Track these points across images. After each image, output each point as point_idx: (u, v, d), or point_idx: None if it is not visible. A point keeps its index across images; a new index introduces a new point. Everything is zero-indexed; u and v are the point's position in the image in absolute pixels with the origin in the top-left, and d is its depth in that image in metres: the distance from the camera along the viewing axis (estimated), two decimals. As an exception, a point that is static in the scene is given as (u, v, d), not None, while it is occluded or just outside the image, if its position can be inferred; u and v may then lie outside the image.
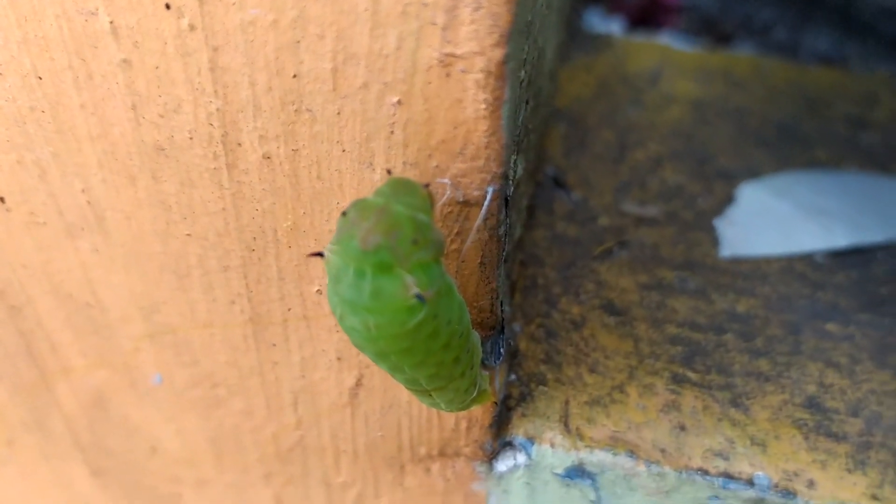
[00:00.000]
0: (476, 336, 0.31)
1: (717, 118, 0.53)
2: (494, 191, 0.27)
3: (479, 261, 0.30)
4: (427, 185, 0.25)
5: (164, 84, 0.27)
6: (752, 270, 0.44)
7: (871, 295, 0.44)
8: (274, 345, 0.35)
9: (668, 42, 0.61)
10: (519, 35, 0.25)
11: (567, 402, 0.38)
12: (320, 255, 0.25)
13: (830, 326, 0.42)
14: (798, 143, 0.52)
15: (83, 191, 0.31)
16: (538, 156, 0.46)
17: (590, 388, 0.39)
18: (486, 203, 0.27)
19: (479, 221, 0.27)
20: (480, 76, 0.24)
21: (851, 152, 0.52)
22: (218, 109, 0.27)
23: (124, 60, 0.27)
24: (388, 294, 0.24)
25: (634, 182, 0.49)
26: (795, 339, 0.41)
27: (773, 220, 0.46)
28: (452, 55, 0.24)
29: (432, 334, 0.26)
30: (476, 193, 0.27)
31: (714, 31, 0.66)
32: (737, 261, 0.45)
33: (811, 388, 0.39)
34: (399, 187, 0.25)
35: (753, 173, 0.50)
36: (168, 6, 0.25)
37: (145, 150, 0.29)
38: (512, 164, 0.29)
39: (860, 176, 0.49)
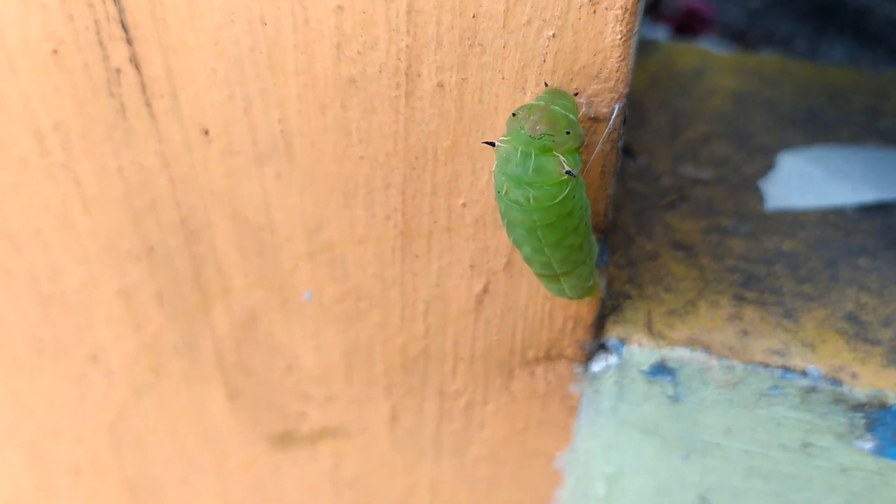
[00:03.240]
0: (593, 236, 0.39)
1: (753, 106, 0.62)
2: (620, 107, 0.36)
3: (600, 169, 0.38)
4: (576, 93, 0.34)
5: (367, 25, 0.36)
6: (793, 219, 0.53)
7: (894, 238, 0.52)
8: (417, 256, 0.43)
9: (707, 47, 0.70)
10: (646, -17, 0.33)
11: (650, 313, 0.46)
12: (492, 144, 0.33)
13: (861, 261, 0.50)
14: (824, 126, 0.61)
15: (279, 121, 0.40)
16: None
17: (667, 303, 0.47)
18: (612, 118, 0.36)
19: (607, 132, 0.36)
20: (619, 12, 0.33)
21: (871, 134, 0.61)
22: (407, 46, 0.36)
23: (338, 6, 0.35)
24: (547, 170, 0.33)
25: (688, 153, 0.57)
26: (833, 271, 0.49)
27: (809, 180, 0.55)
28: (600, -5, 0.33)
29: (569, 213, 0.34)
30: (605, 110, 0.36)
31: (742, 42, 0.76)
32: (779, 212, 0.53)
33: (849, 306, 0.47)
34: (556, 94, 0.33)
35: (788, 147, 0.58)
36: (384, -38, 0.34)
37: (340, 82, 0.38)
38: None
39: (880, 149, 0.58)
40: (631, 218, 0.51)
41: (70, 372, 0.56)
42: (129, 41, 0.39)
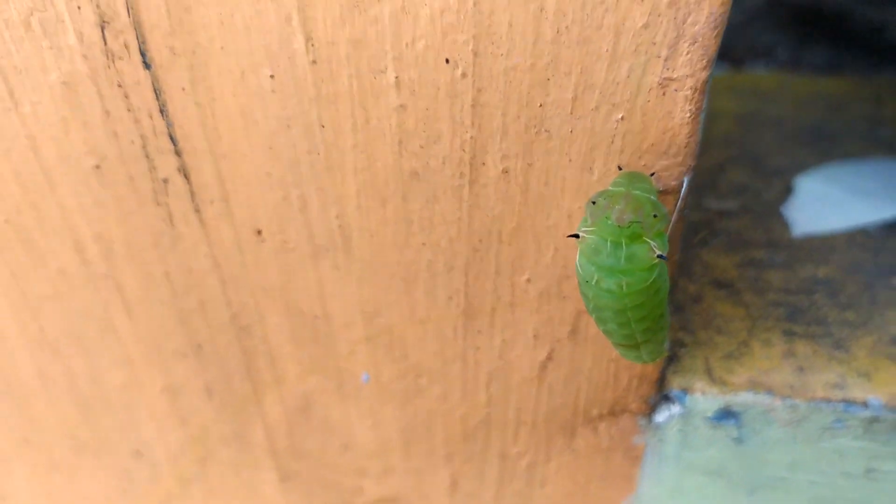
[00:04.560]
0: (663, 299, 0.39)
1: (759, 127, 0.63)
2: (687, 181, 0.36)
3: (669, 237, 0.38)
4: (653, 174, 0.34)
5: (430, 121, 0.35)
6: (822, 244, 0.54)
7: (920, 253, 0.53)
8: (479, 332, 0.43)
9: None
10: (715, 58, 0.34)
11: (707, 359, 0.47)
12: (576, 236, 0.33)
13: (894, 280, 0.51)
14: (828, 140, 0.62)
15: (337, 216, 0.39)
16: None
17: (721, 346, 0.47)
18: (682, 190, 0.36)
19: (677, 204, 0.36)
20: (689, 92, 0.33)
21: (873, 143, 0.62)
22: (472, 137, 0.36)
23: (401, 105, 0.35)
24: (639, 257, 0.33)
25: (708, 183, 0.58)
26: (871, 293, 0.50)
27: (830, 202, 0.56)
28: (669, 78, 0.33)
29: (657, 290, 0.35)
30: (673, 183, 0.36)
31: (728, 57, 0.77)
32: (807, 238, 0.54)
33: (894, 329, 0.48)
34: (633, 177, 0.34)
35: (801, 167, 0.59)
36: (447, 60, 0.33)
37: (401, 176, 0.37)
38: (688, 160, 0.38)
39: (886, 161, 0.59)
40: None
41: (112, 468, 0.54)
42: (178, 153, 0.38)
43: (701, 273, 0.51)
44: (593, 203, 0.33)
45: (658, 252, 0.32)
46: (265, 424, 0.50)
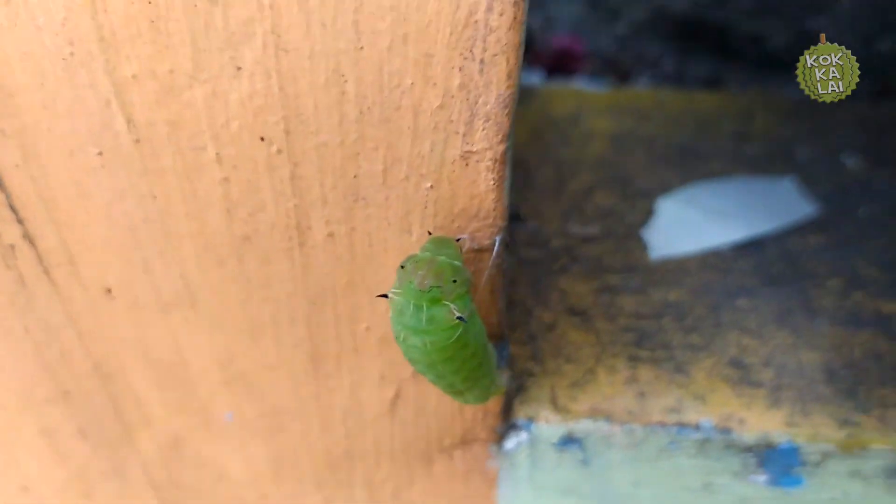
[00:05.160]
0: (490, 345, 0.42)
1: (631, 146, 0.66)
2: (500, 239, 0.38)
3: (490, 289, 0.41)
4: (458, 239, 0.36)
5: (253, 192, 0.37)
6: (676, 267, 0.57)
7: (768, 273, 0.56)
8: (329, 375, 0.45)
9: (582, 86, 0.73)
10: (512, 133, 0.36)
11: (553, 388, 0.49)
12: (385, 296, 0.36)
13: (741, 301, 0.54)
14: (696, 159, 0.65)
15: (181, 276, 0.41)
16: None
17: (568, 375, 0.50)
18: (495, 248, 0.38)
19: (491, 261, 0.38)
20: (490, 163, 0.35)
21: (738, 162, 0.65)
22: (294, 205, 0.37)
23: (224, 178, 0.37)
24: (438, 319, 0.35)
25: (574, 208, 0.60)
26: (716, 315, 0.53)
27: (686, 224, 0.59)
28: (470, 151, 0.35)
29: (464, 345, 0.37)
30: (487, 242, 0.38)
31: (615, 69, 0.79)
32: (663, 261, 0.57)
33: (733, 351, 0.52)
34: (439, 243, 0.36)
35: (665, 188, 0.62)
36: (262, 138, 0.35)
37: (234, 240, 0.39)
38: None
39: (747, 180, 0.62)
40: (527, 289, 0.54)
41: (2, 501, 0.56)
42: (20, 221, 0.39)
43: (557, 301, 0.54)
44: (402, 267, 0.35)
45: (458, 314, 0.35)
46: (141, 461, 0.52)
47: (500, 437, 0.49)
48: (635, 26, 0.82)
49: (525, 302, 0.54)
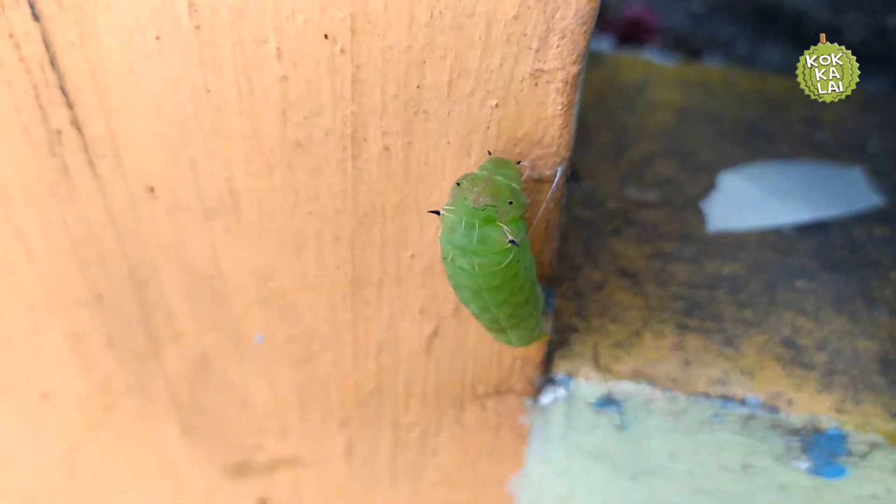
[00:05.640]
0: (539, 287, 0.40)
1: (696, 121, 0.63)
2: (563, 170, 0.36)
3: (545, 226, 0.39)
4: (519, 162, 0.35)
5: (312, 93, 0.36)
6: (733, 241, 0.54)
7: (829, 258, 0.54)
8: (368, 303, 0.44)
9: (651, 57, 0.71)
10: (587, 54, 0.34)
11: (596, 346, 0.48)
12: (437, 213, 0.34)
13: (799, 283, 0.52)
14: (763, 140, 0.63)
15: (226, 180, 0.40)
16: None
17: (613, 334, 0.48)
18: (556, 180, 0.36)
19: (550, 193, 0.37)
20: (560, 85, 0.34)
21: (807, 147, 0.62)
22: (352, 112, 0.36)
23: (283, 76, 0.35)
24: (490, 240, 0.33)
25: (633, 174, 0.58)
26: (772, 293, 0.51)
27: (749, 201, 0.56)
28: (541, 70, 0.33)
29: (514, 275, 0.35)
30: (548, 173, 0.36)
31: (686, 47, 0.77)
32: (721, 234, 0.55)
33: (786, 331, 0.49)
34: (499, 163, 0.34)
35: (729, 164, 0.60)
36: (326, 36, 0.34)
37: (286, 145, 0.38)
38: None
39: (815, 164, 0.60)
40: (578, 246, 0.52)
41: (21, 409, 0.55)
42: (70, 105, 0.38)
43: (608, 261, 0.52)
44: (458, 185, 0.33)
45: (510, 237, 0.33)
46: (166, 378, 0.51)
47: (536, 391, 0.47)
48: (710, 5, 0.80)
49: (574, 259, 0.52)
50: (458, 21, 0.32)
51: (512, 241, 0.33)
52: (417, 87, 0.35)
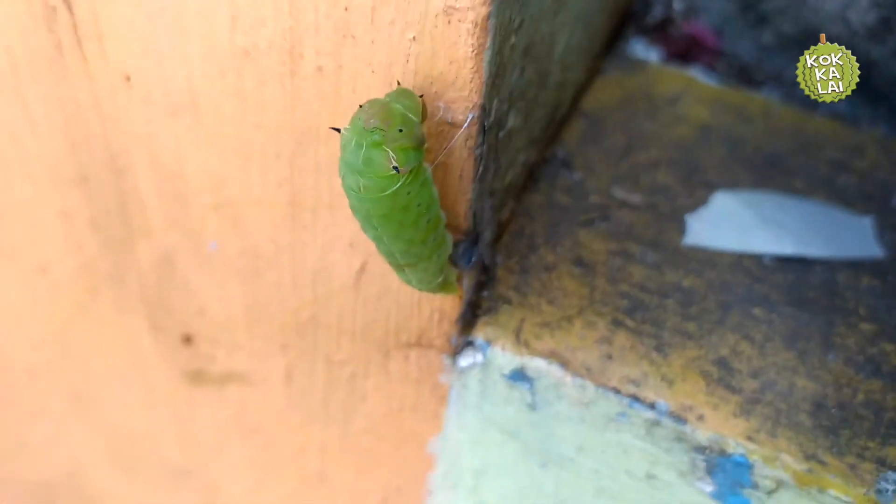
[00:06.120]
0: (449, 236, 0.41)
1: (718, 141, 0.62)
2: (473, 117, 0.37)
3: (458, 174, 0.40)
4: (421, 96, 0.36)
5: (257, 4, 0.38)
6: (706, 258, 0.53)
7: (801, 294, 0.52)
8: (305, 227, 0.46)
9: (697, 75, 0.70)
10: (504, 5, 0.35)
11: (523, 320, 0.48)
12: (338, 130, 0.36)
13: (757, 310, 0.50)
14: (781, 172, 0.61)
15: (186, 78, 0.43)
16: (551, 140, 0.57)
17: (544, 314, 0.48)
18: (465, 124, 0.38)
19: (457, 137, 0.38)
20: (470, 26, 0.35)
21: (825, 188, 0.60)
22: (290, 27, 0.38)
23: (233, -18, 0.38)
24: (375, 162, 0.35)
25: (630, 176, 0.58)
26: (724, 314, 0.50)
27: (736, 223, 0.55)
28: (453, 7, 0.35)
29: (405, 207, 0.37)
30: (461, 117, 0.38)
31: (747, 77, 0.75)
32: (695, 248, 0.54)
33: (724, 351, 0.48)
34: (401, 93, 0.36)
35: (733, 187, 0.58)
36: (269, -53, 0.36)
37: (235, 52, 0.41)
38: (495, 105, 0.39)
39: (822, 205, 0.58)
40: (542, 228, 0.53)
41: (23, 277, 0.61)
42: (62, -16, 0.42)
43: (567, 248, 0.52)
44: (360, 107, 0.35)
45: (394, 163, 0.34)
46: (138, 271, 0.55)
47: (455, 351, 0.48)
48: (782, 40, 0.78)
49: (535, 238, 0.52)
50: (378, -55, 0.34)
51: (395, 169, 0.35)
52: (346, 9, 0.37)
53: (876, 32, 0.74)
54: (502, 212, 0.49)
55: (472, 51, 0.35)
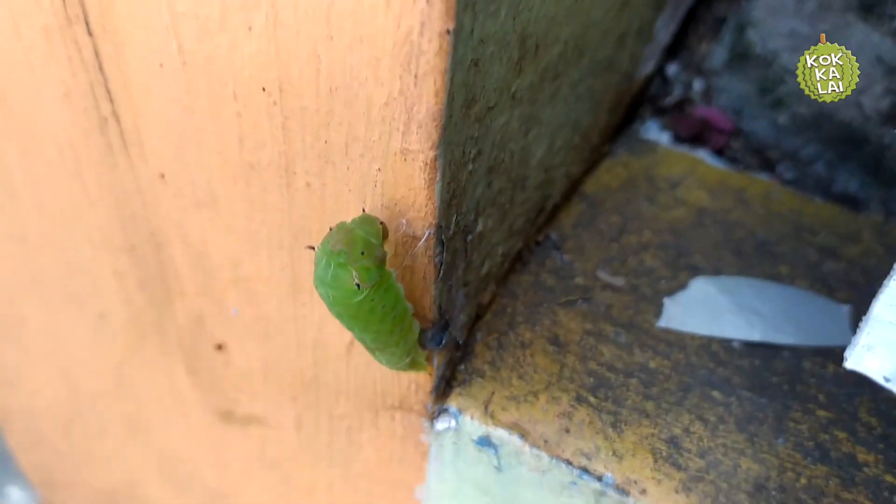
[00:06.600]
0: (416, 323, 0.48)
1: (712, 225, 0.67)
2: (430, 233, 0.44)
3: (422, 275, 0.47)
4: (381, 222, 0.43)
5: (257, 130, 0.46)
6: (676, 340, 0.58)
7: (763, 380, 0.56)
8: (304, 303, 0.53)
9: (704, 157, 0.75)
10: (452, 145, 0.42)
11: (493, 393, 0.54)
12: (313, 248, 0.43)
13: (716, 393, 0.55)
14: (769, 257, 0.65)
15: (208, 182, 0.51)
16: (544, 225, 0.63)
17: (513, 388, 0.54)
18: (423, 239, 0.44)
19: (416, 248, 0.45)
20: (422, 164, 0.41)
21: (811, 274, 0.64)
22: (284, 151, 0.46)
23: (238, 113, 0.46)
24: (341, 279, 0.42)
25: (618, 258, 0.63)
26: (683, 395, 0.55)
27: (710, 308, 0.60)
28: (408, 149, 0.41)
29: (370, 311, 0.43)
30: (420, 232, 0.44)
31: (761, 157, 0.79)
32: (668, 331, 0.59)
33: (677, 430, 0.53)
34: (363, 219, 0.43)
35: (716, 272, 0.63)
36: (264, 89, 0.44)
37: (243, 164, 0.48)
38: (455, 219, 0.46)
39: (802, 292, 0.62)
40: (524, 307, 0.59)
41: (88, 321, 0.70)
42: (111, 101, 0.51)
43: (546, 327, 0.58)
44: (330, 229, 0.42)
45: (356, 281, 0.41)
46: (176, 324, 0.63)
47: (432, 416, 0.55)
48: (797, 121, 0.82)
49: (516, 317, 0.58)
50: (349, 98, 0.41)
51: (357, 285, 0.42)
52: (325, 142, 0.44)
53: (889, 117, 0.78)
54: (482, 295, 0.56)
55: (425, 183, 0.42)
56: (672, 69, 0.78)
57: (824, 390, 0.56)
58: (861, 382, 0.57)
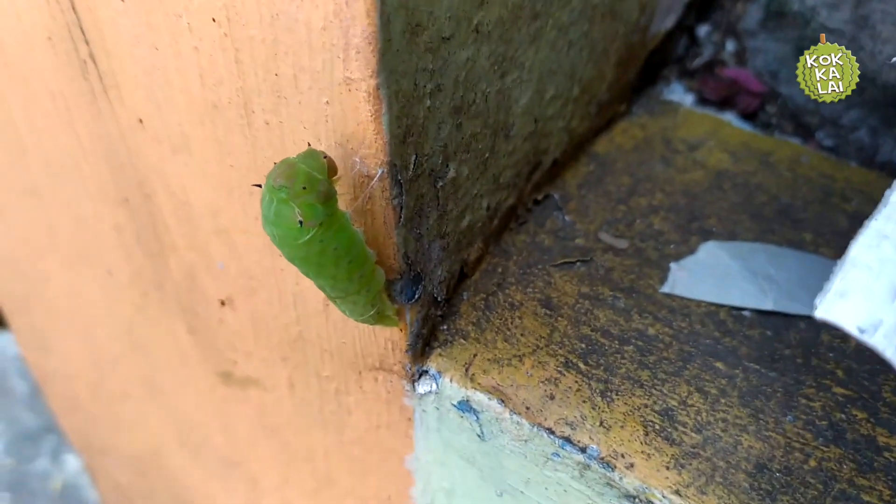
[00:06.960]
0: (380, 271, 0.45)
1: (731, 189, 0.62)
2: (383, 171, 0.41)
3: (382, 220, 0.44)
4: (326, 156, 0.40)
5: (214, 65, 0.44)
6: (679, 307, 0.54)
7: (774, 352, 0.51)
8: (280, 255, 0.51)
9: (730, 119, 0.69)
10: (397, 75, 0.39)
11: (475, 355, 0.51)
12: (259, 186, 0.41)
13: (719, 364, 0.51)
14: (791, 224, 0.60)
15: (179, 124, 0.49)
16: (543, 183, 0.59)
17: (497, 351, 0.51)
18: (376, 179, 0.42)
19: (370, 187, 0.42)
20: (365, 94, 0.39)
21: (836, 243, 0.58)
22: (240, 87, 0.44)
23: (195, 47, 0.44)
24: (283, 216, 0.39)
25: (624, 220, 0.59)
26: (682, 365, 0.51)
27: (720, 273, 0.55)
28: (350, 78, 0.39)
29: (320, 252, 0.41)
30: (373, 172, 0.42)
31: (796, 122, 0.73)
32: (671, 297, 0.54)
33: (672, 402, 0.49)
34: (307, 154, 0.40)
35: (730, 237, 0.58)
36: (214, 19, 0.42)
37: (207, 104, 0.47)
38: (413, 160, 0.43)
39: (820, 258, 0.57)
40: (516, 268, 0.55)
41: (98, 278, 0.70)
42: (87, 42, 0.50)
43: (538, 288, 0.55)
44: (275, 164, 0.40)
45: (300, 218, 0.39)
46: (173, 281, 0.62)
47: (412, 378, 0.52)
48: (865, 101, 0.75)
49: (505, 276, 0.55)
50: (289, 24, 0.39)
51: (300, 223, 0.39)
52: (276, 74, 0.42)
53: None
54: (467, 252, 0.53)
55: (371, 115, 0.39)
56: (703, 30, 0.73)
57: (843, 366, 0.51)
58: (881, 361, 0.52)
